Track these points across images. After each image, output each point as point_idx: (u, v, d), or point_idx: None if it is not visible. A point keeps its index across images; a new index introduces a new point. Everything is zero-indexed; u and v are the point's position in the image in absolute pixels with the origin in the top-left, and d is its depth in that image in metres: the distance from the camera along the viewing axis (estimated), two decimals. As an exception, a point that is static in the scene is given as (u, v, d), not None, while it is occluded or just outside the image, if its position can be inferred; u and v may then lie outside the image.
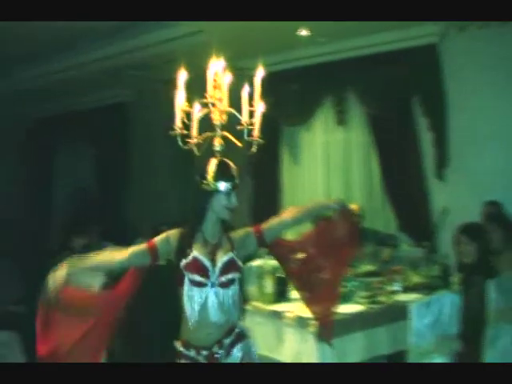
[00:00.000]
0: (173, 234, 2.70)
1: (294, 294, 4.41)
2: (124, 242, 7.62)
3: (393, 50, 6.03)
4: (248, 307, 4.39)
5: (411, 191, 6.07)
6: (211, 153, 2.77)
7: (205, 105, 2.82)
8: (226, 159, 2.75)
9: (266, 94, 2.86)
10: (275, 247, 2.96)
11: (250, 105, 2.88)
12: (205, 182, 2.66)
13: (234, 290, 2.70)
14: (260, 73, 2.89)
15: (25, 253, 6.01)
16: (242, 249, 2.76)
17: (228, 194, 2.67)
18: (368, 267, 4.98)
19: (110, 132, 8.56)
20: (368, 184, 6.65)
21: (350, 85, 6.47)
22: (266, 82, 2.87)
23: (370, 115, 6.37)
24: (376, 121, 6.30)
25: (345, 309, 4.03)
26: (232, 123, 2.81)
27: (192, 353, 2.68)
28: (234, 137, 2.78)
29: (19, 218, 8.41)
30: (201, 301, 2.62)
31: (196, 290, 2.62)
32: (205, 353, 2.67)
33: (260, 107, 2.90)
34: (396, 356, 4.04)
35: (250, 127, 2.82)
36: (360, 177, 6.70)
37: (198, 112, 2.80)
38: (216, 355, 2.67)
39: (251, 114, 2.87)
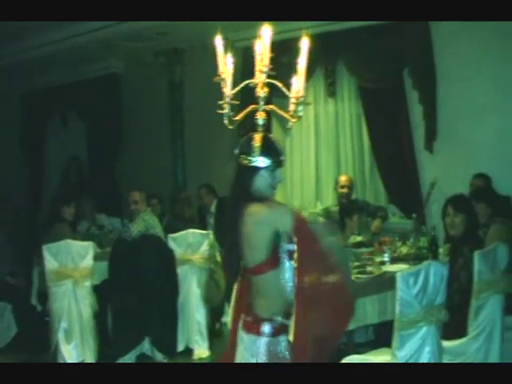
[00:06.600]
0: None
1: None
2: (116, 213, 7.58)
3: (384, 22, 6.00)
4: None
5: (401, 163, 6.10)
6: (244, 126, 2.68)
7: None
8: (270, 134, 2.60)
9: (254, 66, 2.84)
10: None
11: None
12: (248, 158, 2.49)
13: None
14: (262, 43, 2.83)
15: (19, 225, 6.01)
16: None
17: (273, 170, 2.48)
18: (358, 238, 5.04)
19: (102, 104, 8.49)
20: (358, 156, 6.68)
21: (340, 56, 6.45)
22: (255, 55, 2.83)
23: (361, 87, 6.37)
24: (367, 93, 6.30)
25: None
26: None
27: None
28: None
29: (13, 191, 8.39)
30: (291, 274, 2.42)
31: (290, 264, 2.41)
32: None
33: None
34: (384, 325, 4.12)
35: (233, 102, 2.75)
36: (350, 149, 6.71)
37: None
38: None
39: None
